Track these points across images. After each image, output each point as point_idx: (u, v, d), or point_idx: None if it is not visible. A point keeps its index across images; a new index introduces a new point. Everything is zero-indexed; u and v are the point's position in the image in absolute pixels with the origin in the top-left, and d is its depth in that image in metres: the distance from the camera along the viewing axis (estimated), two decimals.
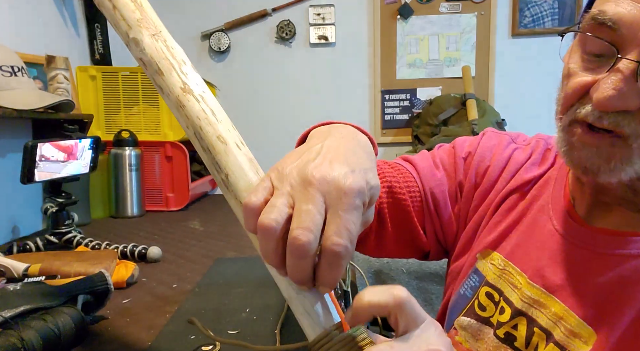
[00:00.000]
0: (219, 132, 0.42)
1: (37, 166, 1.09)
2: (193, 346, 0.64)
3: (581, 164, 0.46)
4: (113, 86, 1.80)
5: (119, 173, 1.67)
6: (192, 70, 0.45)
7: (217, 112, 0.43)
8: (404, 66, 2.35)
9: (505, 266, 0.58)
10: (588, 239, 0.51)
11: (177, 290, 0.90)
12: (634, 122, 0.42)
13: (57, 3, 1.68)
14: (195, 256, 1.15)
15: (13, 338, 0.54)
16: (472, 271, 0.62)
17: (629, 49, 0.41)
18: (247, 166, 0.41)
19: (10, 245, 1.11)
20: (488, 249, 0.61)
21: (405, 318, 0.34)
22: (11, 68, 1.21)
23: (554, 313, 0.50)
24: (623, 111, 0.42)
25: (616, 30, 0.41)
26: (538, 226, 0.57)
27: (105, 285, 0.70)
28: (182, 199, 1.82)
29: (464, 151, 0.68)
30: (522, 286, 0.54)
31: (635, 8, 0.40)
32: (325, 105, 2.36)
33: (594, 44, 0.44)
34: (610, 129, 0.43)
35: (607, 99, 0.41)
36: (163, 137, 1.80)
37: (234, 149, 0.41)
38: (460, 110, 2.12)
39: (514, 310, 0.54)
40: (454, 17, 2.31)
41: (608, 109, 0.42)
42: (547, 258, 0.53)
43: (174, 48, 0.46)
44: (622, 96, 0.40)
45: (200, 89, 0.44)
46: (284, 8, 2.30)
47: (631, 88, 0.40)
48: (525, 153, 0.64)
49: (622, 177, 0.44)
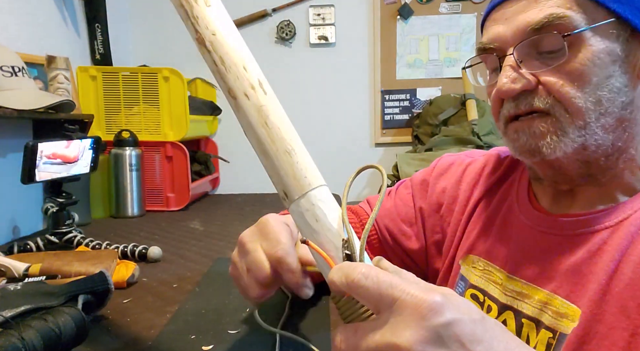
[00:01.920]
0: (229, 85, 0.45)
1: (37, 166, 1.09)
2: (193, 346, 0.64)
3: (524, 148, 0.53)
4: (113, 86, 1.81)
5: (120, 173, 1.67)
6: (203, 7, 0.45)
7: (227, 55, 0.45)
8: (404, 66, 2.35)
9: (484, 266, 0.62)
10: (554, 226, 0.55)
11: (178, 290, 0.91)
12: (542, 97, 0.50)
13: (57, 3, 1.68)
14: (196, 256, 1.15)
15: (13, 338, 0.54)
16: (459, 278, 0.65)
17: (506, 51, 0.52)
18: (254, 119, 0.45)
19: (10, 245, 1.11)
20: (467, 254, 0.65)
21: (366, 301, 0.35)
22: (12, 68, 1.21)
23: (538, 300, 0.53)
24: (529, 93, 0.51)
25: (496, 47, 0.54)
26: (509, 223, 0.62)
27: (106, 285, 0.71)
28: (182, 199, 1.82)
29: (419, 180, 0.77)
30: (503, 281, 0.58)
31: (498, 26, 0.53)
32: (325, 105, 2.36)
33: (491, 62, 0.56)
34: (529, 110, 0.51)
35: (504, 85, 0.51)
36: (163, 137, 1.81)
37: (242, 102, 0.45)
38: (460, 110, 2.13)
39: (500, 305, 0.57)
40: (454, 17, 2.31)
41: (510, 94, 0.52)
42: (521, 251, 0.58)
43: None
44: (514, 80, 0.51)
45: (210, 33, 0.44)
46: (284, 8, 2.30)
47: (519, 73, 0.51)
48: (480, 162, 0.71)
49: (565, 148, 0.50)
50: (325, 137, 2.36)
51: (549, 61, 0.50)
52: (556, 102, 0.50)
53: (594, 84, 0.48)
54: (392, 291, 0.33)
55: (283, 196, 0.45)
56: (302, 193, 0.43)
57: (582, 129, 0.49)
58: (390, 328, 0.32)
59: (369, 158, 2.38)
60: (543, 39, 0.50)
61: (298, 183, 0.44)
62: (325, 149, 2.35)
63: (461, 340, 0.32)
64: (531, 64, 0.51)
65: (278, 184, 0.45)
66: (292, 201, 0.44)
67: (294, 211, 0.44)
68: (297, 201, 0.44)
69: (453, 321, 0.32)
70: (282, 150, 0.44)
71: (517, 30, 0.51)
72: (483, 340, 0.33)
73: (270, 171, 0.45)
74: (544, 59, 0.50)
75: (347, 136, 2.37)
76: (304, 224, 0.44)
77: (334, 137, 2.37)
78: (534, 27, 0.49)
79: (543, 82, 0.50)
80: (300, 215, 0.44)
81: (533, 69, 0.51)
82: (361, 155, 2.38)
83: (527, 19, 0.50)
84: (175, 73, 1.81)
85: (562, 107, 0.50)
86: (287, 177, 0.44)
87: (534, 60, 0.51)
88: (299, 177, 0.44)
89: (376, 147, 2.39)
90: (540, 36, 0.50)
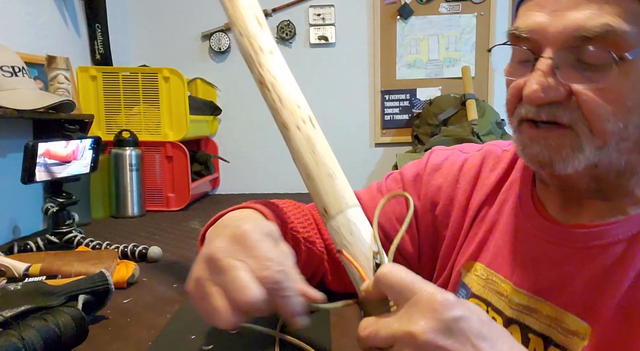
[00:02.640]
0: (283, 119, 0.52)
1: (37, 166, 1.09)
2: (193, 346, 0.64)
3: (535, 158, 0.49)
4: (113, 86, 1.81)
5: (120, 173, 1.67)
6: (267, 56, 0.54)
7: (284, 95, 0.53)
8: (404, 66, 2.35)
9: (488, 275, 0.58)
10: (565, 237, 0.52)
11: (178, 290, 0.91)
12: (568, 110, 0.46)
13: (57, 3, 1.68)
14: (195, 256, 1.15)
15: (14, 338, 0.54)
16: (460, 285, 0.62)
17: (545, 50, 0.46)
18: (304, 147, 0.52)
19: (11, 245, 1.11)
20: (470, 261, 0.62)
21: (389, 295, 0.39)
22: (12, 68, 1.21)
23: (546, 316, 0.51)
24: (555, 103, 0.46)
25: (531, 39, 0.48)
26: (512, 230, 0.58)
27: (106, 285, 0.71)
28: (182, 199, 1.82)
29: (411, 175, 0.71)
30: (509, 294, 0.55)
31: (541, 15, 0.47)
32: (325, 105, 2.36)
33: (520, 54, 0.51)
34: (550, 120, 0.47)
35: (533, 93, 0.46)
36: (163, 137, 1.81)
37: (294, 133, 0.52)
38: (460, 110, 2.13)
39: (505, 319, 0.54)
40: (454, 17, 2.31)
41: (536, 102, 0.47)
42: (528, 262, 0.54)
43: (255, 37, 0.54)
44: (545, 89, 0.46)
45: (272, 76, 0.53)
46: (284, 8, 2.30)
47: (552, 81, 0.46)
48: (476, 159, 0.67)
49: (577, 166, 0.47)
50: (325, 137, 2.36)
51: (589, 74, 0.45)
52: (582, 118, 0.46)
53: (627, 108, 0.45)
54: (412, 286, 0.37)
55: (323, 212, 0.51)
56: (339, 210, 0.50)
57: (599, 149, 0.46)
58: (407, 318, 0.36)
59: (368, 158, 2.38)
60: (590, 51, 0.44)
61: (337, 202, 0.51)
62: None
63: (467, 334, 0.35)
64: (568, 73, 0.46)
65: (319, 202, 0.52)
66: (331, 217, 0.50)
67: (331, 226, 0.50)
68: (335, 217, 0.50)
69: (462, 317, 0.35)
70: (325, 173, 0.52)
71: (563, 30, 0.45)
72: (488, 338, 0.35)
73: (313, 190, 0.52)
74: (584, 70, 0.45)
75: (347, 136, 2.37)
76: (339, 237, 0.50)
77: (333, 137, 2.35)
78: (585, 35, 0.43)
79: (575, 95, 0.45)
80: (337, 229, 0.50)
81: (569, 79, 0.45)
82: (361, 155, 2.38)
83: (578, 20, 0.44)
84: (175, 73, 1.81)
85: (587, 125, 0.46)
86: (328, 196, 0.51)
87: (572, 68, 0.46)
88: (338, 197, 0.51)
89: (376, 147, 2.39)
90: (589, 48, 0.44)
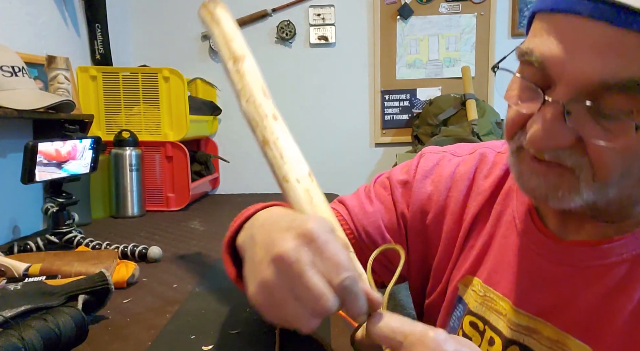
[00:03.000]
0: (284, 173, 0.54)
1: (37, 166, 1.09)
2: (193, 346, 0.64)
3: (531, 192, 0.46)
4: (113, 86, 1.81)
5: (120, 173, 1.67)
6: (271, 121, 0.58)
7: (286, 152, 0.55)
8: (404, 66, 2.35)
9: (485, 292, 0.56)
10: (566, 255, 0.50)
11: (178, 290, 0.91)
12: (574, 155, 0.42)
13: (57, 3, 1.68)
14: (196, 256, 1.15)
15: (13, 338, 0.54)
16: (457, 300, 0.60)
17: (556, 88, 0.41)
18: (302, 199, 0.52)
19: (10, 245, 1.11)
20: (467, 275, 0.59)
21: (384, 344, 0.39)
22: (12, 68, 1.21)
23: (547, 338, 0.49)
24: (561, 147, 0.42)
25: (543, 70, 0.42)
26: (510, 245, 0.55)
27: (106, 285, 0.71)
28: (182, 199, 1.82)
29: (400, 180, 0.67)
30: (508, 313, 0.53)
31: (560, 47, 0.40)
32: (325, 105, 2.36)
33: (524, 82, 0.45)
34: (553, 162, 0.43)
35: (539, 140, 0.42)
36: (163, 137, 1.81)
37: (293, 186, 0.53)
38: (460, 110, 2.13)
39: (504, 339, 0.53)
40: (454, 17, 2.31)
41: (540, 149, 0.43)
42: (527, 280, 0.52)
43: (261, 105, 0.59)
44: (552, 136, 0.41)
45: (275, 136, 0.56)
46: (284, 8, 2.30)
47: (560, 127, 0.41)
48: (470, 164, 0.63)
49: (571, 205, 0.44)
50: (325, 137, 2.36)
51: (605, 123, 0.40)
52: (588, 165, 0.42)
53: (638, 157, 0.41)
54: (403, 330, 0.38)
55: None
56: None
57: (598, 190, 0.43)
58: None
59: (369, 158, 2.38)
60: (608, 103, 0.39)
61: None
62: (325, 149, 2.35)
63: None
64: (580, 121, 0.41)
65: None
66: None
67: None
68: None
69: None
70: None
71: (582, 75, 0.39)
72: None
73: None
74: (601, 119, 0.40)
75: (347, 136, 2.37)
76: None
77: (333, 138, 2.37)
78: (607, 87, 0.38)
79: (587, 145, 0.41)
80: None
81: (581, 129, 0.41)
82: (361, 155, 2.38)
83: (602, 68, 0.38)
84: (175, 73, 1.81)
85: (591, 172, 0.42)
86: None
87: (586, 115, 0.41)
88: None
89: (376, 147, 2.39)
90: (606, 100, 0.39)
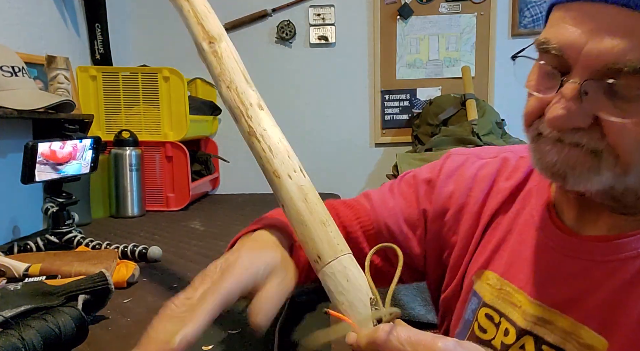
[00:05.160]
0: (274, 167, 0.53)
1: (37, 166, 1.09)
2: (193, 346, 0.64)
3: (550, 168, 0.47)
4: (113, 86, 1.80)
5: (120, 173, 1.67)
6: (257, 110, 0.55)
7: (275, 145, 0.53)
8: (404, 66, 2.35)
9: (501, 285, 0.57)
10: (582, 250, 0.51)
11: (178, 290, 0.90)
12: (592, 138, 0.44)
13: (57, 3, 1.68)
14: (196, 256, 1.15)
15: (13, 338, 0.54)
16: (472, 294, 0.61)
17: (573, 71, 0.43)
18: (296, 195, 0.51)
19: (10, 245, 1.11)
20: (481, 269, 0.61)
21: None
22: (12, 68, 1.21)
23: (561, 329, 0.50)
24: (579, 129, 0.44)
25: (560, 56, 0.44)
26: (527, 240, 0.56)
27: (106, 285, 0.71)
28: (182, 199, 1.82)
29: (425, 178, 0.70)
30: (523, 305, 0.54)
31: (576, 32, 0.43)
32: (325, 105, 2.36)
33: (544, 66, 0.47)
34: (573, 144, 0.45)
35: (557, 119, 0.44)
36: (163, 137, 1.81)
37: (286, 182, 0.52)
38: (460, 110, 2.12)
39: (518, 329, 0.54)
40: (454, 17, 2.31)
41: (559, 128, 0.44)
42: (543, 274, 0.53)
43: (244, 92, 0.56)
44: (570, 115, 0.43)
45: (262, 128, 0.54)
46: (284, 8, 2.30)
47: (578, 107, 0.43)
48: (492, 167, 0.65)
49: (589, 187, 0.45)
50: (325, 137, 2.36)
51: (620, 104, 0.42)
52: (609, 147, 0.43)
53: None
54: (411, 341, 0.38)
55: (316, 259, 0.51)
56: (335, 257, 0.50)
57: (618, 176, 0.44)
58: None
59: (369, 158, 2.38)
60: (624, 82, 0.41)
61: (331, 248, 0.50)
62: (325, 149, 2.35)
63: None
64: (597, 101, 0.42)
65: (313, 249, 0.51)
66: (325, 263, 0.50)
67: (325, 272, 0.50)
68: (330, 264, 0.49)
69: None
70: (318, 221, 0.51)
71: (598, 57, 0.41)
72: None
73: (306, 238, 0.52)
74: (614, 98, 0.42)
75: (347, 136, 2.37)
76: (335, 284, 0.49)
77: (333, 138, 2.37)
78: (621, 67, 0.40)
79: (604, 125, 0.42)
80: (332, 276, 0.49)
81: (598, 108, 0.42)
82: (361, 155, 2.38)
83: (616, 50, 0.40)
84: (175, 73, 1.81)
85: (612, 154, 0.43)
86: (322, 243, 0.50)
87: (602, 95, 0.42)
88: (332, 244, 0.50)
89: (376, 147, 2.39)
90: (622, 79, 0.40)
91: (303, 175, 0.53)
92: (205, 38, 0.58)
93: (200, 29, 0.59)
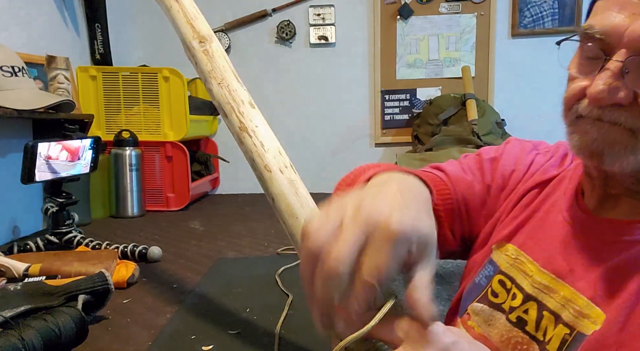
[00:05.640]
0: (266, 162, 0.53)
1: (37, 166, 1.09)
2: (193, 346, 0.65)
3: (587, 147, 0.49)
4: (113, 86, 1.81)
5: (120, 173, 1.67)
6: (249, 107, 0.56)
7: (266, 142, 0.54)
8: (404, 66, 2.35)
9: (517, 255, 0.61)
10: (596, 229, 0.54)
11: (177, 290, 0.91)
12: (631, 117, 0.46)
13: (57, 3, 1.68)
14: (195, 256, 1.15)
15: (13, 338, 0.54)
16: (488, 261, 0.65)
17: (617, 52, 0.46)
18: (287, 189, 0.51)
19: (10, 245, 1.11)
20: (503, 241, 0.64)
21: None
22: (12, 68, 1.21)
23: (562, 297, 0.53)
24: (618, 107, 0.46)
25: (604, 40, 0.47)
26: (549, 218, 0.60)
27: (106, 285, 0.71)
28: (182, 199, 1.82)
29: (490, 156, 0.72)
30: (533, 273, 0.58)
31: (619, 16, 0.46)
32: (325, 105, 2.36)
33: (589, 50, 0.50)
34: (612, 122, 0.46)
35: (599, 93, 0.46)
36: (163, 137, 1.81)
37: (277, 176, 0.52)
38: (460, 110, 2.12)
39: (525, 295, 0.58)
40: (454, 17, 2.31)
41: (601, 103, 0.46)
42: (557, 247, 0.57)
43: (236, 90, 0.57)
44: (611, 90, 0.45)
45: (254, 124, 0.55)
46: (284, 8, 2.30)
47: (619, 84, 0.45)
48: (545, 157, 0.69)
49: (625, 166, 0.47)
50: (325, 137, 2.36)
51: None
52: None
53: None
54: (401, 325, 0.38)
55: None
56: None
57: None
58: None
59: (369, 158, 2.38)
60: None
61: None
62: (325, 149, 2.34)
63: None
64: (637, 78, 0.45)
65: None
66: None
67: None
68: None
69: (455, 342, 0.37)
70: (310, 214, 0.51)
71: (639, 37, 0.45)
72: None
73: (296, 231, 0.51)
74: None
75: (348, 136, 2.37)
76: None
77: (334, 137, 2.37)
78: None
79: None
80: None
81: (638, 85, 0.45)
82: (361, 155, 2.38)
83: None
84: (175, 73, 1.81)
85: None
86: None
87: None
88: None
89: (376, 147, 2.39)
90: None
91: (293, 171, 0.54)
92: (196, 37, 0.61)
93: (190, 28, 0.61)
